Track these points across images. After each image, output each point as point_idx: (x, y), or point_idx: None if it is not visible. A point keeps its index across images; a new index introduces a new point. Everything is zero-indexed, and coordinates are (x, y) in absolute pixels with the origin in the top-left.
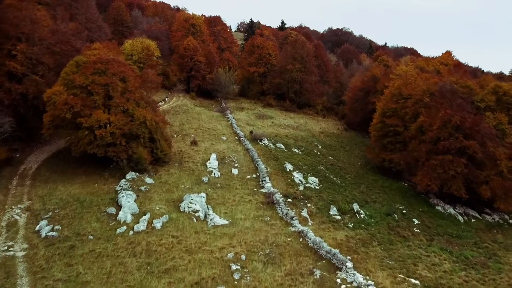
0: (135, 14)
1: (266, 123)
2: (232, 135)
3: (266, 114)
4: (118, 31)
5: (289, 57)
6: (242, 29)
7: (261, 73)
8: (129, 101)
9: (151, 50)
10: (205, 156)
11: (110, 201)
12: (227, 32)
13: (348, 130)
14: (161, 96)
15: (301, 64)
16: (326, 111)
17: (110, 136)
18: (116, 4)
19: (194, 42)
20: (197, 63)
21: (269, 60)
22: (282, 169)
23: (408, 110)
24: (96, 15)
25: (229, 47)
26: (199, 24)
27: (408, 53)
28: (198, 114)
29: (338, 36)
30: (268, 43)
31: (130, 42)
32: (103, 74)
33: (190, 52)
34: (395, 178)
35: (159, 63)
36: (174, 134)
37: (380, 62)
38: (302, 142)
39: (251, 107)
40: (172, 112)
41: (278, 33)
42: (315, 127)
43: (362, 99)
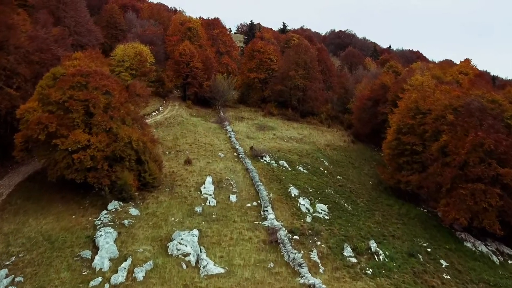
0: (129, 16)
1: (267, 135)
2: (231, 151)
3: (268, 125)
4: (111, 34)
5: (292, 62)
6: (242, 31)
7: (262, 79)
8: (113, 118)
9: (144, 56)
10: (199, 178)
11: (87, 241)
12: (226, 35)
13: (355, 142)
14: (155, 105)
15: (304, 70)
16: (331, 120)
17: (90, 159)
18: (109, 6)
19: (190, 47)
20: (194, 69)
21: (270, 66)
22: (286, 194)
23: (428, 127)
24: (86, 18)
25: (228, 51)
26: (196, 27)
27: (414, 57)
28: (194, 126)
29: (340, 39)
30: (269, 47)
31: (122, 47)
32: (83, 88)
33: (186, 57)
34: (411, 201)
35: (153, 69)
36: (167, 151)
37: (389, 69)
38: (307, 158)
39: (251, 116)
40: (165, 124)
41: (280, 36)
42: (320, 139)
43: (371, 109)
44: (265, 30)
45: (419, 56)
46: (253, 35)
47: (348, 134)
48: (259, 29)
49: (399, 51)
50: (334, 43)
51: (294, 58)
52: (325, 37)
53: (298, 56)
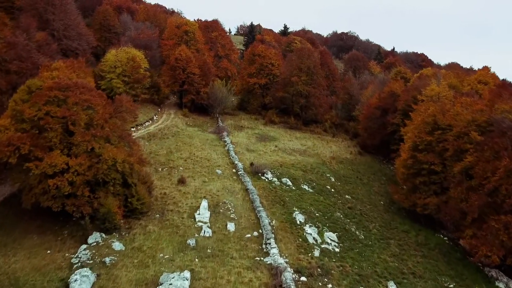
0: (124, 19)
1: (268, 147)
2: (229, 167)
3: (269, 135)
4: (105, 37)
5: (294, 67)
6: (242, 32)
7: (263, 84)
8: (96, 137)
9: (137, 62)
10: (194, 201)
11: (60, 286)
12: (225, 38)
13: (362, 153)
14: (149, 114)
15: (307, 76)
16: (335, 129)
17: (68, 185)
18: (103, 8)
19: (187, 51)
20: (191, 75)
21: (272, 71)
22: (290, 220)
23: (448, 145)
24: (76, 21)
25: (228, 55)
26: (193, 31)
27: (419, 59)
28: (190, 138)
29: (343, 41)
30: (270, 51)
31: (113, 52)
32: (62, 103)
33: (183, 63)
34: (428, 226)
35: (147, 75)
36: (160, 167)
37: (397, 75)
38: (312, 174)
39: (251, 125)
40: (159, 136)
41: (281, 39)
42: (325, 151)
43: (379, 118)
44: (266, 32)
45: (424, 59)
46: (253, 37)
47: (354, 144)
48: (259, 31)
49: (403, 53)
50: (337, 46)
51: (296, 63)
52: (327, 39)
53: (300, 61)
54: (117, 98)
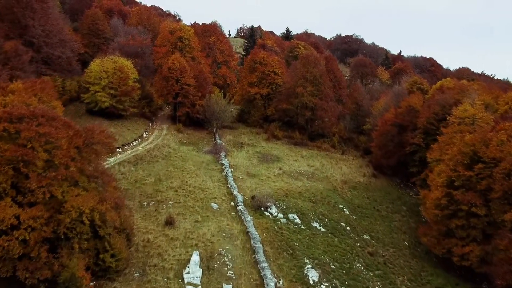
0: (114, 23)
1: (272, 170)
2: (227, 199)
3: (272, 154)
4: (93, 43)
5: (299, 77)
6: (242, 34)
7: (265, 95)
8: (58, 181)
9: (125, 72)
10: (183, 252)
11: None
12: (224, 43)
13: (377, 175)
14: (138, 130)
15: (313, 86)
16: (344, 144)
17: (19, 245)
18: (91, 12)
19: (181, 60)
20: (185, 86)
21: (274, 80)
22: (302, 278)
23: (495, 184)
24: (59, 26)
25: (227, 61)
26: (188, 37)
27: (428, 64)
28: (183, 160)
29: (347, 44)
30: (272, 58)
31: (98, 62)
32: (13, 139)
33: (176, 73)
34: (467, 278)
35: (136, 87)
36: (145, 200)
37: (413, 86)
38: (322, 205)
39: (252, 141)
40: (148, 158)
41: (283, 43)
42: (335, 173)
43: (396, 136)
44: (267, 36)
45: (433, 63)
46: (254, 41)
47: (366, 163)
48: (260, 35)
49: (411, 58)
50: (341, 49)
51: (301, 72)
52: (331, 43)
53: (306, 70)
54: (88, 128)
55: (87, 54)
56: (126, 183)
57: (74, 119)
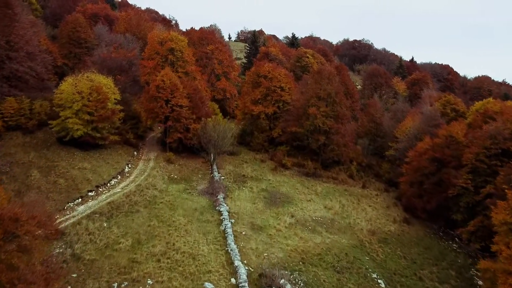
0: (98, 30)
1: (282, 218)
2: (226, 272)
3: (281, 192)
4: (74, 54)
5: (311, 95)
6: (243, 38)
7: (270, 114)
8: None
9: (103, 93)
10: None
11: None
12: (224, 53)
13: (410, 221)
14: (119, 164)
15: (327, 106)
16: (363, 171)
17: None
18: (72, 17)
19: (172, 76)
20: (177, 108)
21: (281, 97)
22: None
23: None
24: (27, 36)
25: (226, 73)
26: (181, 48)
27: (445, 72)
28: (172, 209)
29: (356, 50)
30: (279, 71)
31: (70, 81)
32: None
33: (166, 92)
34: None
35: (117, 110)
36: (116, 280)
37: (446, 106)
38: (350, 275)
39: (256, 173)
40: (126, 207)
41: (289, 51)
42: (359, 219)
43: (435, 174)
44: (271, 42)
45: (450, 71)
46: (256, 48)
47: (393, 201)
48: (264, 42)
49: (426, 65)
50: (349, 55)
51: (313, 89)
52: (338, 48)
53: (319, 87)
54: (10, 214)
55: (66, 67)
56: (93, 250)
57: (41, 151)
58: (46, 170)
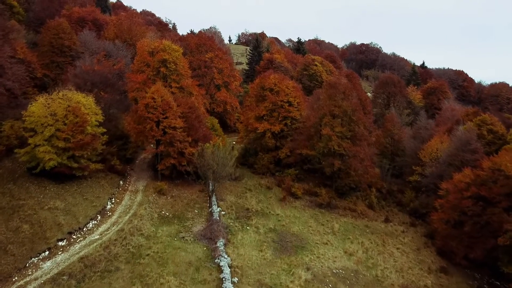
0: (83, 37)
1: (296, 272)
2: None
3: (292, 233)
4: (56, 63)
5: (324, 111)
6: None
7: (277, 133)
8: None
9: (81, 115)
10: None
11: None
12: (224, 61)
13: (447, 270)
14: (101, 199)
15: (343, 126)
16: (384, 201)
17: None
18: (54, 23)
19: (164, 92)
20: (170, 131)
21: (290, 113)
22: None
23: None
24: None
25: (227, 83)
26: (175, 59)
27: (460, 79)
28: (160, 264)
29: (364, 54)
30: (286, 83)
31: (42, 101)
32: None
33: (157, 112)
34: None
35: (99, 133)
36: None
37: (481, 126)
38: None
39: (262, 205)
40: (102, 264)
41: (295, 58)
42: (387, 268)
43: (481, 215)
44: (275, 48)
45: (465, 78)
46: (259, 54)
47: (424, 240)
48: (267, 48)
49: (440, 71)
50: (356, 60)
51: (327, 106)
52: (344, 52)
53: (333, 103)
54: None
55: (48, 78)
56: None
57: (5, 185)
58: (8, 212)
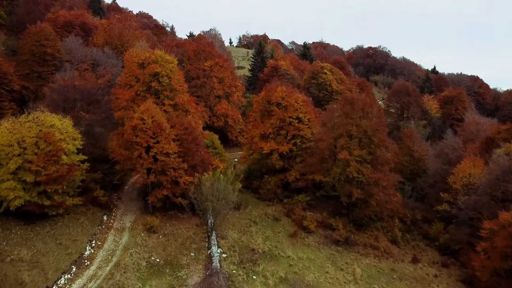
0: (67, 44)
1: None
2: None
3: (307, 283)
4: (37, 74)
5: (340, 132)
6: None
7: (285, 153)
8: None
9: (55, 142)
10: None
11: None
12: (225, 69)
13: None
14: (77, 244)
15: (363, 147)
16: (408, 234)
17: None
18: (36, 28)
19: (156, 112)
20: (162, 157)
21: (299, 131)
22: None
23: None
24: None
25: (228, 94)
26: (168, 73)
27: (475, 86)
28: None
29: (371, 58)
30: (295, 97)
31: (7, 126)
32: None
33: (147, 136)
34: None
35: (77, 163)
36: None
37: None
38: None
39: (270, 244)
40: None
41: (301, 64)
42: None
43: None
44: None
45: (481, 84)
46: (263, 60)
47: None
48: (271, 54)
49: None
50: (363, 64)
51: (344, 125)
52: (351, 55)
53: (350, 122)
54: None
55: (28, 91)
56: None
57: None
58: None
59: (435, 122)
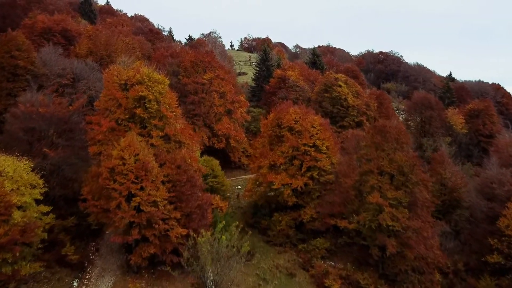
0: (44, 55)
1: None
2: None
3: None
4: (6, 91)
5: (370, 167)
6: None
7: (299, 188)
8: None
9: (2, 197)
10: None
11: None
12: (226, 82)
13: None
14: None
15: (397, 188)
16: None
17: None
18: (6, 37)
19: (140, 148)
20: (147, 207)
21: (316, 162)
22: None
23: None
24: None
25: (230, 110)
26: (157, 96)
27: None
28: None
29: (382, 64)
30: (311, 119)
31: None
32: None
33: (128, 181)
34: None
35: (33, 220)
36: None
37: None
38: None
39: None
40: None
41: (311, 74)
42: None
43: None
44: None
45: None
46: (268, 69)
47: None
48: (278, 62)
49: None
50: (374, 70)
51: (375, 159)
52: (360, 61)
53: (382, 155)
54: None
55: None
56: None
57: None
58: None
59: (461, 139)
